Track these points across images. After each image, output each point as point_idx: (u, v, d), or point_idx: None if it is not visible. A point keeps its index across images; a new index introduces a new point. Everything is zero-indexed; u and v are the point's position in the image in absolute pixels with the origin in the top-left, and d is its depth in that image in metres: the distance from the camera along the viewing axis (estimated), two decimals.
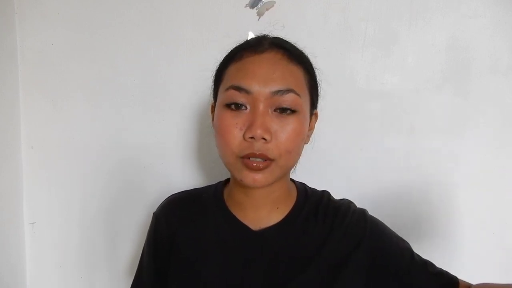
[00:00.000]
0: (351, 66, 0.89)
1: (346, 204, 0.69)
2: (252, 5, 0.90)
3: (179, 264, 0.67)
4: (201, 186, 0.77)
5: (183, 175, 0.96)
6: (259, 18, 0.90)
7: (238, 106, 0.58)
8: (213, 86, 0.68)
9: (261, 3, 0.90)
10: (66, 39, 0.95)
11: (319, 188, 0.73)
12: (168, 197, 0.75)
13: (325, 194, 0.71)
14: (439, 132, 0.88)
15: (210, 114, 0.70)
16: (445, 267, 0.91)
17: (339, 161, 0.92)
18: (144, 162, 0.96)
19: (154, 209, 0.74)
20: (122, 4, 0.93)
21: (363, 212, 0.69)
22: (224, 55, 0.65)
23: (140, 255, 0.74)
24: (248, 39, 0.67)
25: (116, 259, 0.99)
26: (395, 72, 0.89)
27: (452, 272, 0.91)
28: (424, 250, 0.91)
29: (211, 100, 0.69)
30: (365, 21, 0.88)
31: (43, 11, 0.94)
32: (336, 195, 0.74)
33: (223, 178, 0.74)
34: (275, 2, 0.89)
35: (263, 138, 0.56)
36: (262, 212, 0.66)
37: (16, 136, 0.96)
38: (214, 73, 0.67)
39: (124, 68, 0.95)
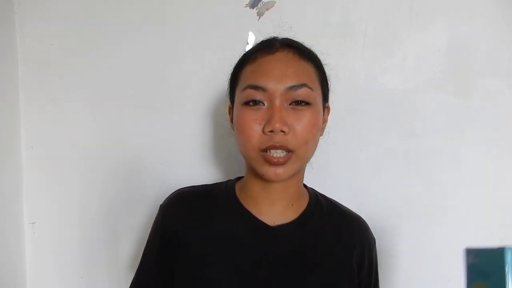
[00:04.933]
0: (351, 66, 0.89)
1: (359, 220, 0.74)
2: (252, 5, 0.90)
3: (189, 260, 0.66)
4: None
5: (183, 175, 0.96)
6: (259, 18, 0.90)
7: (256, 103, 0.62)
8: (229, 89, 0.71)
9: (261, 3, 0.90)
10: (66, 39, 0.95)
11: (319, 188, 0.74)
12: (177, 190, 0.74)
13: (336, 202, 0.75)
14: (439, 132, 0.88)
15: (228, 115, 0.73)
16: (444, 267, 0.91)
17: (339, 161, 0.91)
18: (144, 162, 0.96)
19: (154, 209, 0.73)
20: (122, 4, 0.93)
21: (374, 240, 0.75)
22: (238, 59, 0.69)
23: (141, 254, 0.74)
24: (248, 40, 0.70)
25: (116, 259, 0.99)
26: (395, 72, 0.89)
27: (452, 272, 0.91)
28: (424, 250, 0.91)
29: (228, 102, 0.71)
30: (365, 21, 0.88)
31: (43, 11, 0.94)
32: (336, 195, 0.74)
33: (224, 178, 0.74)
34: (275, 2, 0.89)
35: (282, 131, 0.59)
36: (277, 208, 0.68)
37: (16, 136, 0.96)
38: (229, 76, 0.70)
39: (124, 68, 0.94)
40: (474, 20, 0.85)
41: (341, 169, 0.92)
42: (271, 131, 0.60)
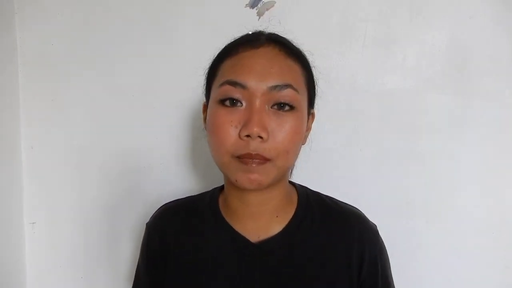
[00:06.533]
0: (351, 66, 0.89)
1: (355, 214, 0.68)
2: (252, 5, 0.90)
3: (175, 278, 0.64)
4: (195, 193, 0.75)
5: (183, 176, 0.96)
6: (259, 18, 0.90)
7: (233, 103, 0.55)
8: (205, 84, 0.65)
9: (261, 3, 0.90)
10: (66, 39, 0.95)
11: (319, 188, 0.73)
12: (161, 206, 0.72)
13: (329, 200, 0.69)
14: (439, 132, 0.88)
15: (202, 114, 0.67)
16: (444, 267, 0.91)
17: (339, 161, 0.91)
18: (144, 163, 0.96)
19: (155, 209, 0.73)
20: (122, 4, 0.93)
21: (375, 231, 0.67)
22: (218, 52, 0.64)
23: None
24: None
25: (116, 259, 0.99)
26: (395, 72, 0.89)
27: (452, 272, 0.91)
28: (424, 250, 0.91)
29: (203, 99, 0.67)
30: (365, 21, 0.88)
31: (43, 11, 0.94)
32: (336, 195, 0.74)
33: (222, 180, 0.73)
34: (275, 2, 0.89)
35: (260, 137, 0.53)
36: (260, 221, 0.62)
37: (16, 136, 0.96)
38: (206, 71, 0.64)
39: (124, 68, 0.94)
40: (474, 20, 0.85)
41: (341, 169, 0.92)
42: (247, 136, 0.53)
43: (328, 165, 0.91)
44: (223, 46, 0.64)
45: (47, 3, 0.94)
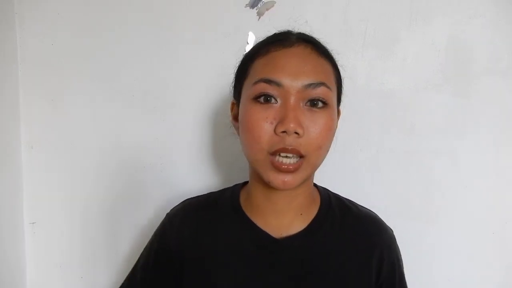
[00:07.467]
0: (351, 66, 0.89)
1: (374, 219, 0.69)
2: (252, 5, 0.90)
3: (195, 274, 0.64)
4: (196, 192, 0.75)
5: (183, 175, 0.96)
6: (259, 18, 0.90)
7: (267, 100, 0.56)
8: (234, 83, 0.66)
9: (261, 3, 0.90)
10: (66, 39, 0.95)
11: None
12: (185, 201, 0.73)
13: (349, 202, 0.70)
14: (439, 132, 0.88)
15: (229, 113, 0.68)
16: (445, 267, 0.91)
17: (339, 161, 0.91)
18: (145, 162, 0.96)
19: (155, 209, 0.74)
20: (122, 4, 0.93)
21: (392, 235, 0.70)
22: (247, 52, 0.64)
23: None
24: (248, 40, 0.67)
25: (117, 259, 0.99)
26: (395, 72, 0.89)
27: (452, 272, 0.91)
28: (423, 249, 0.91)
29: (231, 98, 0.68)
30: (365, 21, 0.88)
31: (43, 11, 0.94)
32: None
33: (226, 178, 0.73)
34: (275, 2, 0.89)
35: (296, 133, 0.54)
36: (284, 218, 0.63)
37: (16, 136, 0.96)
38: (236, 70, 0.65)
39: (124, 68, 0.94)
40: (474, 20, 0.85)
41: (341, 169, 0.92)
42: (283, 132, 0.54)
43: (328, 165, 0.91)
44: (229, 48, 0.65)
45: (47, 3, 0.94)
